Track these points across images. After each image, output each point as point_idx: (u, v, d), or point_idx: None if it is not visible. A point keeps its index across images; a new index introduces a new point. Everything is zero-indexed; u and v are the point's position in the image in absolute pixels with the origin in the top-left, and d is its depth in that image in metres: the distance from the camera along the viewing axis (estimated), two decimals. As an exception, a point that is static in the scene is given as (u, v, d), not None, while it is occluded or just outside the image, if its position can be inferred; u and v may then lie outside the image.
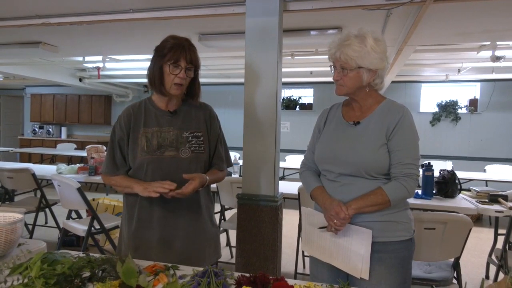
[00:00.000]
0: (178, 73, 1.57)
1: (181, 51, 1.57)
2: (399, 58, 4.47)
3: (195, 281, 1.20)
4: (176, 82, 1.59)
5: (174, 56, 1.56)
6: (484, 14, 3.14)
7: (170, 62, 1.57)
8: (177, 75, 1.57)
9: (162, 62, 1.58)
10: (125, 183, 1.65)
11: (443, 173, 3.29)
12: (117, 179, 1.67)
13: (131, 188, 1.61)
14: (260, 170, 2.68)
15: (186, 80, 1.62)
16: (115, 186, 1.70)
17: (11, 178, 4.03)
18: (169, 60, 1.56)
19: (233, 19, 3.27)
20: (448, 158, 6.95)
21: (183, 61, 1.57)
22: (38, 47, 4.60)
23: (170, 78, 1.58)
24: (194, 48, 1.62)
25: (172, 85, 1.59)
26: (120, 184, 1.67)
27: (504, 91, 7.41)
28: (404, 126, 1.47)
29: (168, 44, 1.58)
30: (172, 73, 1.58)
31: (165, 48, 1.58)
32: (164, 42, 1.61)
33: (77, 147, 8.52)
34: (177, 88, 1.60)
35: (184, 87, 1.64)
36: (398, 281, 1.49)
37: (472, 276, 3.53)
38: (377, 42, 1.47)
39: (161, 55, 1.58)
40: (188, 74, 1.60)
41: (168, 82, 1.59)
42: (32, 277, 1.15)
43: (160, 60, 1.59)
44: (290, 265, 3.61)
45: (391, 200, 1.43)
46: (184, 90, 1.65)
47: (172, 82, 1.59)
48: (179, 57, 1.56)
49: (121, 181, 1.66)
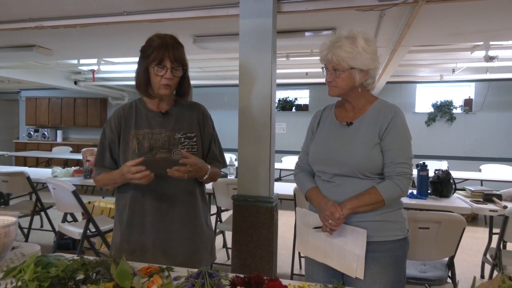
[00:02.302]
0: (164, 73, 1.51)
1: (165, 50, 1.50)
2: (393, 59, 4.49)
3: (189, 283, 1.20)
4: (163, 83, 1.53)
5: (158, 57, 1.50)
6: (476, 14, 3.17)
7: (154, 63, 1.51)
8: (163, 76, 1.51)
9: (147, 63, 1.53)
10: (108, 177, 1.62)
11: (438, 173, 3.31)
12: (102, 177, 1.64)
13: (113, 178, 1.59)
14: (255, 171, 2.69)
15: (174, 80, 1.55)
16: (105, 186, 1.68)
17: (6, 182, 4.00)
18: (153, 61, 1.50)
19: (227, 21, 3.28)
20: (443, 158, 6.99)
21: (168, 61, 1.51)
22: (32, 50, 4.60)
23: (156, 80, 1.53)
24: (179, 46, 1.56)
25: (160, 86, 1.54)
26: (106, 180, 1.64)
27: (499, 91, 7.47)
28: (396, 126, 1.48)
29: (152, 44, 1.53)
30: (157, 75, 1.52)
31: (149, 49, 1.52)
32: (148, 42, 1.55)
33: (72, 150, 8.50)
34: (165, 88, 1.54)
35: (173, 87, 1.58)
36: (392, 280, 1.50)
37: (467, 275, 3.55)
38: (368, 42, 1.48)
39: (146, 56, 1.53)
40: (175, 73, 1.54)
41: (155, 83, 1.54)
42: (26, 280, 1.15)
43: (145, 62, 1.54)
44: (286, 266, 3.61)
45: (385, 199, 1.44)
46: (173, 89, 1.59)
47: (159, 83, 1.53)
48: (163, 57, 1.50)
49: (105, 176, 1.63)
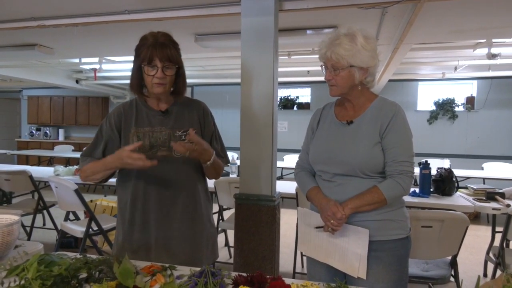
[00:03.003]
0: (155, 73, 1.48)
1: (153, 49, 1.46)
2: (395, 57, 4.47)
3: (192, 281, 1.20)
4: (155, 82, 1.50)
5: (148, 56, 1.46)
6: (479, 12, 3.15)
7: (145, 62, 1.48)
8: (154, 75, 1.49)
9: (139, 62, 1.50)
10: (98, 164, 1.54)
11: (440, 171, 3.30)
12: (90, 165, 1.56)
13: (105, 166, 1.51)
14: (257, 170, 2.69)
15: (166, 78, 1.51)
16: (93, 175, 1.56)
17: (8, 181, 4.02)
18: (143, 60, 1.48)
19: (228, 19, 3.27)
20: (445, 156, 6.97)
21: (158, 61, 1.47)
22: (34, 49, 4.60)
23: (149, 79, 1.51)
24: (171, 44, 1.51)
25: (153, 85, 1.51)
26: (95, 168, 1.54)
27: (501, 88, 7.43)
28: (397, 124, 1.47)
29: (145, 42, 1.50)
30: (148, 74, 1.49)
31: (141, 47, 1.49)
32: (141, 40, 1.52)
33: (74, 149, 8.51)
34: (158, 87, 1.51)
35: (168, 85, 1.54)
36: (395, 279, 1.49)
37: (470, 274, 3.54)
38: (367, 40, 1.47)
39: (137, 54, 1.51)
40: (167, 72, 1.50)
41: (148, 82, 1.52)
42: (29, 279, 1.15)
43: (137, 61, 1.51)
44: (288, 265, 3.61)
45: (387, 199, 1.44)
46: (169, 87, 1.56)
47: (152, 82, 1.51)
48: (152, 56, 1.46)
49: (94, 164, 1.55)
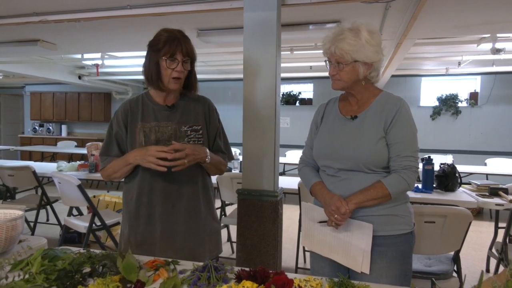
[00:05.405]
0: (175, 67, 1.55)
1: (177, 44, 1.54)
2: (398, 52, 4.45)
3: (195, 276, 1.20)
4: (174, 76, 1.56)
5: (170, 50, 1.53)
6: (483, 6, 3.13)
7: (166, 56, 1.54)
8: (174, 69, 1.55)
9: (158, 57, 1.55)
10: (120, 161, 1.61)
11: (443, 166, 3.29)
12: (112, 164, 1.64)
13: (127, 161, 1.58)
14: (260, 165, 2.68)
15: (184, 73, 1.59)
16: (114, 174, 1.64)
17: (12, 176, 4.04)
18: (165, 54, 1.53)
19: (231, 14, 3.26)
20: (448, 152, 6.95)
21: (180, 55, 1.54)
22: (37, 45, 4.61)
23: (167, 73, 1.56)
24: (188, 40, 1.59)
25: (170, 80, 1.57)
26: (116, 166, 1.62)
27: (505, 84, 7.39)
28: (401, 119, 1.46)
29: (162, 38, 1.55)
30: (169, 68, 1.55)
31: (160, 42, 1.54)
32: (158, 36, 1.57)
33: (77, 145, 8.55)
34: (175, 82, 1.58)
35: (182, 81, 1.61)
36: (398, 274, 1.49)
37: (472, 269, 3.54)
38: (372, 34, 1.46)
39: (156, 49, 1.55)
40: (185, 67, 1.58)
41: (166, 77, 1.57)
42: (33, 273, 1.16)
43: (155, 55, 1.56)
44: (291, 260, 3.62)
45: (391, 193, 1.43)
46: (182, 83, 1.63)
47: (170, 77, 1.56)
48: (175, 50, 1.53)
49: (115, 162, 1.63)
